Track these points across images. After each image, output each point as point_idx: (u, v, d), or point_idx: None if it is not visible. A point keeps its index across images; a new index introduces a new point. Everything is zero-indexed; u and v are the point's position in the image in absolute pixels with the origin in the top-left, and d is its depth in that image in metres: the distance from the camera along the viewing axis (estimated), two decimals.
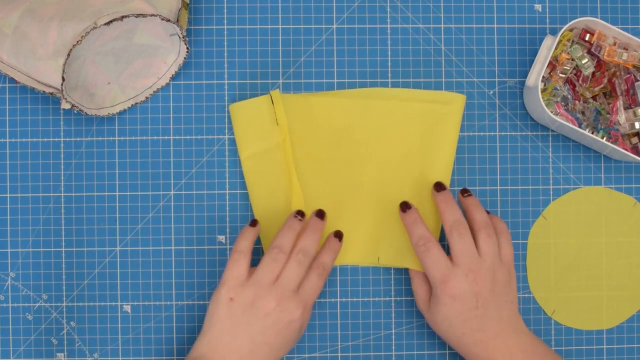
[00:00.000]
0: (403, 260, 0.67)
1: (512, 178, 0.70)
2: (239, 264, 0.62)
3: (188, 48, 0.66)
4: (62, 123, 0.69)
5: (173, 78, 0.69)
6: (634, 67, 0.67)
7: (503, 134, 0.70)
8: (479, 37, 0.70)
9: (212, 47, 0.70)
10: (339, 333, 0.69)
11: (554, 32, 0.70)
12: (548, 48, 0.66)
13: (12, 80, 0.69)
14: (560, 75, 0.67)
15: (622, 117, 0.66)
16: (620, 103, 0.67)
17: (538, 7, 0.71)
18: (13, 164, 0.69)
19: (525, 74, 0.70)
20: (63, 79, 0.61)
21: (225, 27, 0.70)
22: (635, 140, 0.67)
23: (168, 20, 0.63)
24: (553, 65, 0.67)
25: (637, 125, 0.66)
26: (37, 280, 0.69)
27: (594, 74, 0.68)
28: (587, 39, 0.66)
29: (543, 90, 0.67)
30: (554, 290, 0.70)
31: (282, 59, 0.70)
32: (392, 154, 0.69)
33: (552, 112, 0.66)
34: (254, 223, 0.65)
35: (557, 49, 0.66)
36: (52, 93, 0.64)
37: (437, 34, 0.70)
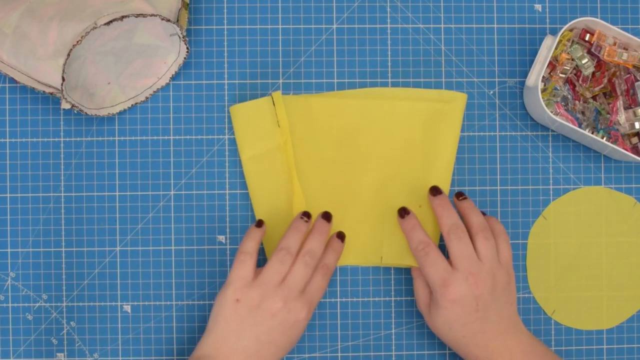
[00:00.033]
0: (406, 259, 0.67)
1: (512, 178, 0.70)
2: (245, 265, 0.62)
3: (188, 48, 0.66)
4: (62, 123, 0.69)
5: (173, 78, 0.69)
6: (634, 67, 0.67)
7: (503, 134, 0.70)
8: (479, 37, 0.70)
9: (212, 47, 0.70)
10: (339, 333, 0.69)
11: (554, 32, 0.70)
12: (548, 48, 0.66)
13: (12, 80, 0.69)
14: (560, 75, 0.67)
15: (622, 117, 0.66)
16: (620, 103, 0.67)
17: (538, 7, 0.71)
18: (13, 164, 0.69)
19: (525, 74, 0.70)
20: (63, 79, 0.61)
21: (225, 27, 0.70)
22: (635, 140, 0.67)
23: (168, 20, 0.63)
24: (553, 65, 0.67)
25: (637, 125, 0.66)
26: (37, 280, 0.69)
27: (594, 74, 0.68)
28: (587, 39, 0.66)
29: (543, 90, 0.67)
30: (554, 290, 0.70)
31: (282, 59, 0.70)
32: (393, 154, 0.69)
33: (552, 112, 0.66)
34: (260, 224, 0.65)
35: (557, 49, 0.66)
36: (52, 93, 0.64)
37: (437, 34, 0.70)
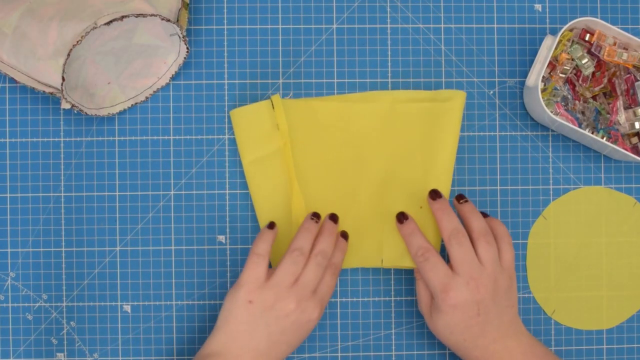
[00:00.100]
0: (407, 261, 0.67)
1: (512, 178, 0.70)
2: (258, 267, 0.62)
3: (188, 48, 0.66)
4: (62, 123, 0.69)
5: (173, 78, 0.69)
6: (634, 67, 0.67)
7: (503, 134, 0.70)
8: (479, 37, 0.70)
9: (212, 47, 0.70)
10: (339, 333, 0.69)
11: (554, 32, 0.70)
12: (548, 48, 0.66)
13: (12, 80, 0.69)
14: (560, 75, 0.67)
15: (622, 117, 0.66)
16: (620, 103, 0.67)
17: (538, 7, 0.71)
18: (13, 164, 0.69)
19: (525, 74, 0.70)
20: (63, 79, 0.61)
21: (225, 27, 0.70)
22: (635, 140, 0.67)
23: (168, 20, 0.63)
24: (553, 65, 0.67)
25: (637, 125, 0.66)
26: (37, 280, 0.69)
27: (594, 74, 0.68)
28: (587, 39, 0.66)
29: (543, 90, 0.67)
30: (554, 290, 0.70)
31: (282, 59, 0.70)
32: (393, 156, 0.69)
33: (552, 112, 0.66)
34: (272, 225, 0.65)
35: (557, 49, 0.66)
36: (52, 93, 0.64)
37: (437, 34, 0.70)
